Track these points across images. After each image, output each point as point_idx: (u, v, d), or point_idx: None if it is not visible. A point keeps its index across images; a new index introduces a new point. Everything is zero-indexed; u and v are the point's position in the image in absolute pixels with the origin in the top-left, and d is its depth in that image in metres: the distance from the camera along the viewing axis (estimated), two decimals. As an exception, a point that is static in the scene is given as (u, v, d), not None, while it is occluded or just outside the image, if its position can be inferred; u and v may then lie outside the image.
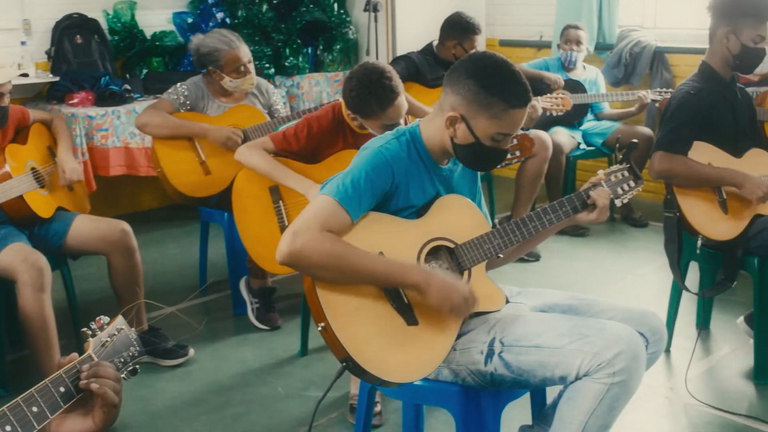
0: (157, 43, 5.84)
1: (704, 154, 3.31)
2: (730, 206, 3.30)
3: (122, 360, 1.75)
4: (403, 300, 2.20)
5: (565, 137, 5.43)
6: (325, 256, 2.11)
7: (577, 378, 2.14)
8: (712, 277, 3.63)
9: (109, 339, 1.73)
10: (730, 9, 3.32)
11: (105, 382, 1.60)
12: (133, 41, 5.79)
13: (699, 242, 3.30)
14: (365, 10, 6.15)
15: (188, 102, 4.14)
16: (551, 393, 2.51)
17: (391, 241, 2.24)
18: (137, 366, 1.78)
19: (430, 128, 2.33)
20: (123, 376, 1.74)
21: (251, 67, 4.15)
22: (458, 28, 4.94)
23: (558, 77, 5.42)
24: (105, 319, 1.76)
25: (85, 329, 1.72)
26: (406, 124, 3.27)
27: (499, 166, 2.42)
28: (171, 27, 6.03)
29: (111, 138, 5.19)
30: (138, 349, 1.79)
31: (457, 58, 4.94)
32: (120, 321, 1.79)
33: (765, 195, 3.24)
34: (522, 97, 2.22)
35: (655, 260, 4.77)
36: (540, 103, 4.75)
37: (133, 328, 1.80)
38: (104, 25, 5.73)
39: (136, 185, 5.90)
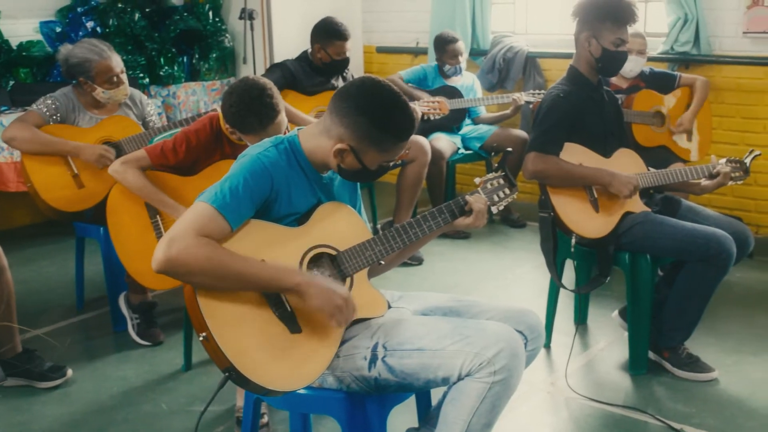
0: (24, 54, 5.61)
1: (575, 154, 3.43)
2: (601, 205, 3.43)
3: None
4: (285, 308, 2.19)
5: (445, 143, 5.52)
6: (203, 262, 2.07)
7: (460, 378, 2.17)
8: (587, 273, 3.76)
9: None
10: (590, 14, 3.45)
11: None
12: (-2, 51, 5.57)
13: (573, 240, 3.41)
14: (241, 17, 6.09)
15: (58, 114, 4.01)
16: (436, 395, 2.53)
17: (273, 249, 2.23)
18: None
19: (312, 143, 2.32)
20: None
21: (124, 77, 4.05)
22: (322, 32, 4.93)
23: (423, 94, 5.48)
24: None
25: None
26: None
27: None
28: (38, 36, 5.81)
29: (-23, 153, 4.98)
30: None
31: (323, 62, 4.96)
32: None
33: (632, 191, 3.38)
34: (411, 131, 2.28)
35: (533, 259, 4.90)
36: (418, 108, 4.82)
37: None
38: (-34, 36, 5.49)
39: (6, 201, 5.66)
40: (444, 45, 5.66)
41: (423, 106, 4.92)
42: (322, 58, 4.94)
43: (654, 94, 4.82)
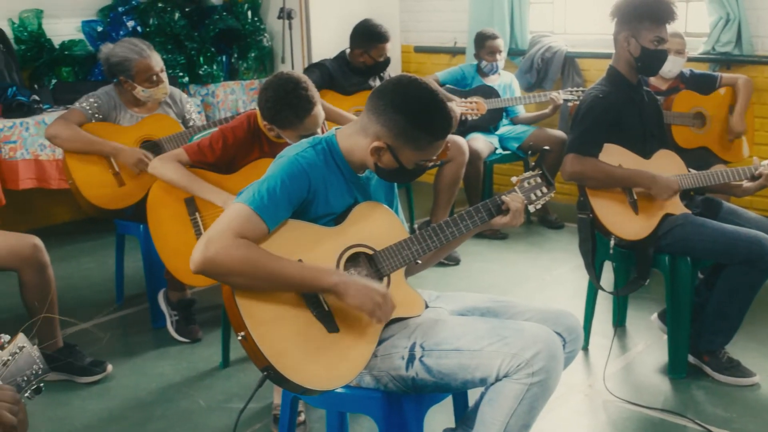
0: (66, 53, 5.70)
1: (614, 155, 3.40)
2: (641, 206, 3.39)
3: (25, 378, 1.70)
4: (323, 307, 2.20)
5: (482, 143, 5.50)
6: (239, 263, 2.09)
7: (497, 379, 2.16)
8: (626, 275, 3.72)
9: (10, 357, 1.68)
10: (628, 13, 3.41)
11: (2, 405, 1.56)
12: (41, 50, 5.64)
13: (612, 242, 3.38)
14: (279, 17, 6.13)
15: (100, 112, 4.06)
16: (473, 395, 2.53)
17: (310, 249, 2.24)
18: (41, 384, 1.74)
19: (348, 142, 2.33)
20: (27, 395, 1.69)
21: (164, 76, 4.09)
22: (364, 36, 4.94)
23: (455, 97, 5.46)
24: (5, 337, 1.71)
25: None
26: (323, 133, 3.26)
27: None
28: (80, 36, 5.89)
29: (20, 150, 5.04)
30: (41, 366, 1.75)
31: (366, 66, 4.97)
32: (21, 339, 1.74)
33: (672, 195, 3.35)
34: (447, 129, 2.27)
35: (571, 261, 4.87)
36: (457, 109, 4.81)
37: (36, 346, 1.75)
38: (10, 34, 5.55)
39: (47, 198, 5.74)
40: (483, 41, 5.65)
41: (461, 106, 4.92)
42: (366, 61, 4.95)
43: (694, 94, 4.76)
